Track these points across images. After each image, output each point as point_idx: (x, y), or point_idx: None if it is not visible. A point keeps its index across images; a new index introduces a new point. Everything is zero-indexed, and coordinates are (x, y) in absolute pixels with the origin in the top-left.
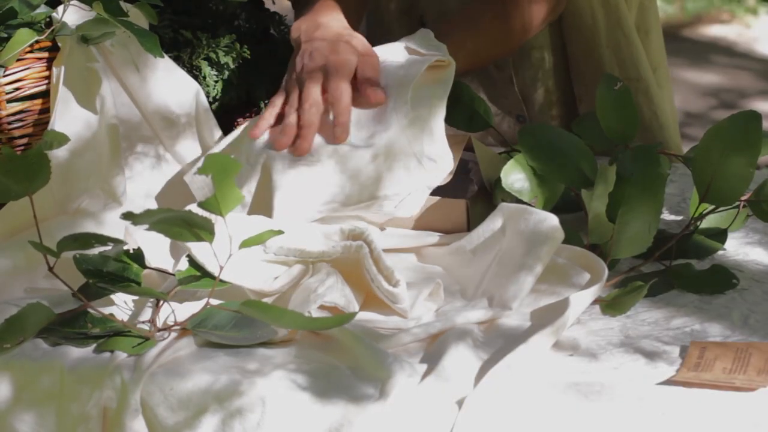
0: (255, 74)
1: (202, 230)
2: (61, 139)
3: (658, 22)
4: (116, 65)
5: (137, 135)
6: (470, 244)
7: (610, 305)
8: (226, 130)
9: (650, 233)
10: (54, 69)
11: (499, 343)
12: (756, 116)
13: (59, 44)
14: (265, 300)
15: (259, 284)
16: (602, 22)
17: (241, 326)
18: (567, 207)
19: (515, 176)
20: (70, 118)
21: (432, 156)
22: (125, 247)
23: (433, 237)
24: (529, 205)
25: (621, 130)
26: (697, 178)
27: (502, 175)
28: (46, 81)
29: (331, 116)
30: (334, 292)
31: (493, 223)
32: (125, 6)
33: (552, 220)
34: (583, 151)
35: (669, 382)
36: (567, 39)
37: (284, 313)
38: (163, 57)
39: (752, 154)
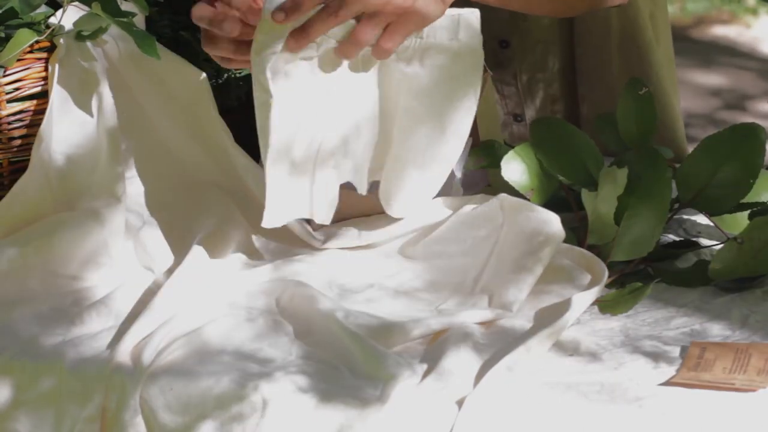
0: None
1: None
2: None
3: (668, 29)
4: (116, 61)
5: (138, 132)
6: (466, 233)
7: (610, 305)
8: None
9: (653, 238)
10: (49, 67)
11: (499, 343)
12: (755, 129)
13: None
14: None
15: None
16: (616, 29)
17: None
18: (554, 205)
19: (514, 167)
20: (68, 116)
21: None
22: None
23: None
24: (525, 198)
25: (638, 136)
26: (681, 183)
27: (501, 164)
28: (46, 81)
29: None
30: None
31: (493, 213)
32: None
33: (554, 220)
34: (592, 149)
35: (669, 382)
36: (577, 39)
37: None
38: (160, 59)
39: (750, 166)
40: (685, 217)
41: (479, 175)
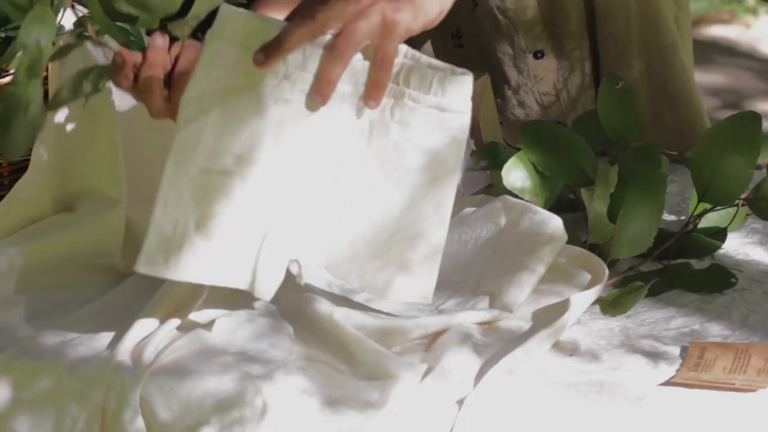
0: None
1: None
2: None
3: (690, 35)
4: None
5: (138, 132)
6: (468, 234)
7: (610, 305)
8: None
9: (651, 233)
10: (50, 66)
11: (499, 343)
12: (755, 117)
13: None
14: None
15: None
16: (637, 32)
17: None
18: (563, 207)
19: (516, 175)
20: (67, 116)
21: None
22: None
23: None
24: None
25: (622, 130)
26: (695, 178)
27: (503, 173)
28: (46, 81)
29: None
30: None
31: (495, 214)
32: None
33: (556, 221)
34: (583, 149)
35: (669, 382)
36: (600, 45)
37: None
38: None
39: (751, 155)
40: None
41: (479, 174)
